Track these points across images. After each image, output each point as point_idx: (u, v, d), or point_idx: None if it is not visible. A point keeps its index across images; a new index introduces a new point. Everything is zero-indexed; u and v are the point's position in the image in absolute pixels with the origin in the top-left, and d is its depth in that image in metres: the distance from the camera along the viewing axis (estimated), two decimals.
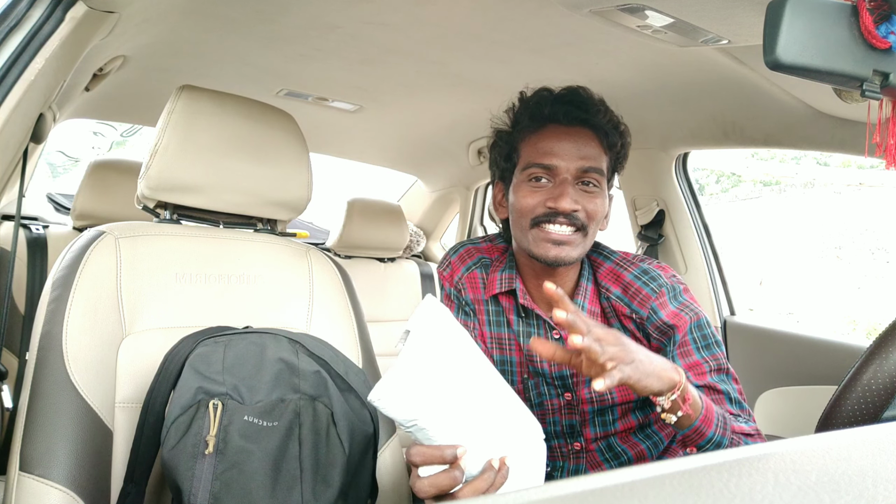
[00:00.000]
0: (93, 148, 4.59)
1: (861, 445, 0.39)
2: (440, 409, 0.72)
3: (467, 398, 0.73)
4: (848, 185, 6.88)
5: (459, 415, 0.72)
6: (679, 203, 1.95)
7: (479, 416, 0.74)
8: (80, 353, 0.90)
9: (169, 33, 1.42)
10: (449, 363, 0.73)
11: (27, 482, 0.80)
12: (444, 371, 0.73)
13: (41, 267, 1.88)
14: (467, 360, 0.75)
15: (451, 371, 0.73)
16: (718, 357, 1.02)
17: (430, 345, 0.73)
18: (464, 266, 1.20)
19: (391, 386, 0.71)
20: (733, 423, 0.96)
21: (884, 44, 0.65)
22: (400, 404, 0.71)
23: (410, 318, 0.74)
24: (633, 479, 0.32)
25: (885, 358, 0.83)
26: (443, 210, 2.98)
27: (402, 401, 0.71)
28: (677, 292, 1.05)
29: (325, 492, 0.86)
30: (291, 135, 1.19)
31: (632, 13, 1.12)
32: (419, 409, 0.71)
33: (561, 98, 1.07)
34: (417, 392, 0.71)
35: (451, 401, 0.72)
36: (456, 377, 0.73)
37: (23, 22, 0.85)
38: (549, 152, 1.03)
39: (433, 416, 0.71)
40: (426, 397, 0.71)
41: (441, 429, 0.72)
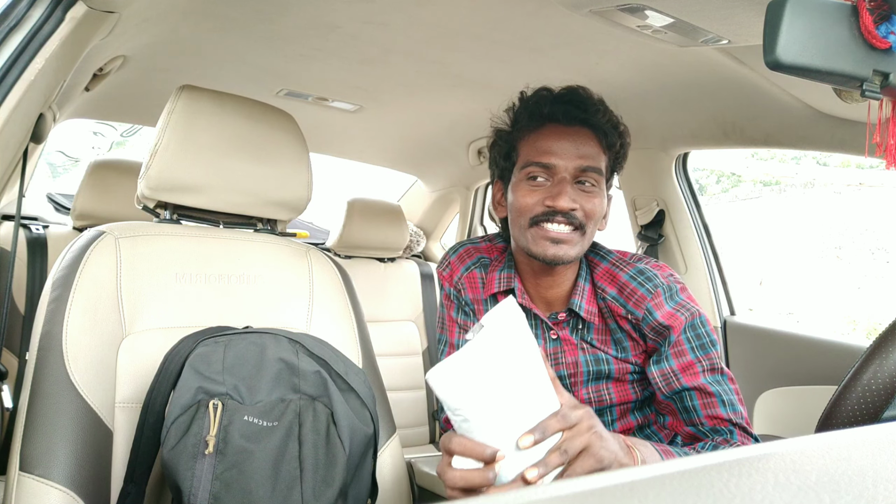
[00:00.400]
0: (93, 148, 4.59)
1: (861, 445, 0.39)
2: (489, 407, 0.72)
3: (518, 406, 0.74)
4: (848, 185, 6.88)
5: (506, 419, 0.73)
6: (679, 203, 1.95)
7: (524, 426, 0.74)
8: (80, 353, 0.90)
9: (169, 33, 1.42)
10: (511, 367, 0.74)
11: (27, 482, 0.81)
12: (504, 373, 0.73)
13: (41, 267, 1.88)
14: (528, 370, 0.75)
15: (511, 375, 0.74)
16: (712, 357, 1.02)
17: (498, 343, 0.73)
18: (463, 266, 1.20)
19: (450, 370, 0.72)
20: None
21: (884, 44, 0.65)
22: (453, 389, 0.72)
23: (487, 314, 0.75)
24: (633, 479, 0.32)
25: (885, 358, 0.83)
26: (443, 210, 2.98)
27: (456, 387, 0.72)
28: (674, 292, 1.05)
29: (325, 492, 0.86)
30: (291, 135, 1.19)
31: (632, 13, 1.12)
32: (469, 401, 0.72)
33: (560, 98, 1.07)
34: (473, 384, 0.72)
35: (502, 403, 0.73)
36: (513, 382, 0.74)
37: (23, 22, 0.85)
38: (547, 151, 1.03)
39: (481, 411, 0.72)
40: (480, 392, 0.72)
41: (484, 426, 0.72)
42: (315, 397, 0.91)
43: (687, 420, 1.01)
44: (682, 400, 1.01)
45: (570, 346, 1.09)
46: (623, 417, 1.11)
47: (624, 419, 1.11)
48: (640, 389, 1.09)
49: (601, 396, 1.09)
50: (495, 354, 0.73)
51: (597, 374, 1.08)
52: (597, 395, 1.09)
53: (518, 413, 0.74)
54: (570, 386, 1.10)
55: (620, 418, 1.11)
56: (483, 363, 0.72)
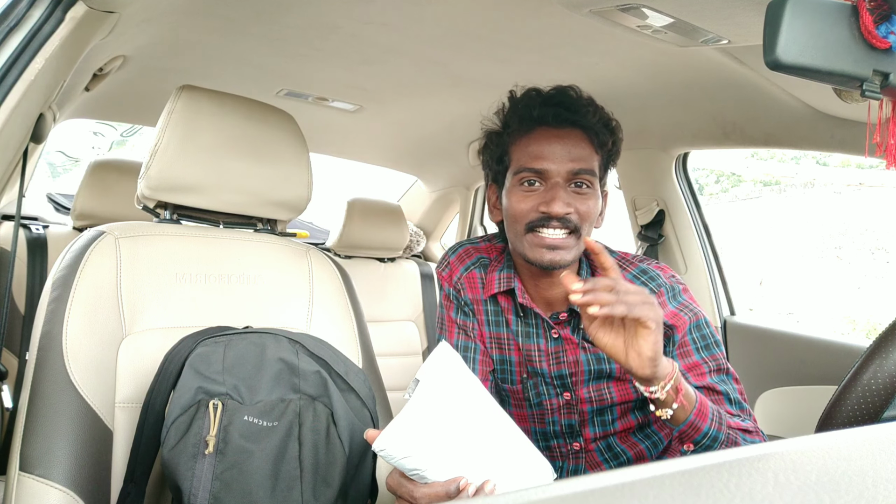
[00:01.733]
0: (93, 148, 4.59)
1: (861, 445, 0.39)
2: (447, 460, 0.71)
3: (475, 448, 0.73)
4: (848, 185, 6.88)
5: (467, 465, 0.72)
6: (679, 203, 1.95)
7: (487, 466, 0.74)
8: (80, 353, 0.90)
9: (169, 33, 1.42)
10: (457, 414, 0.73)
11: (27, 482, 0.81)
12: (451, 422, 0.72)
13: (41, 267, 1.88)
14: (477, 410, 0.75)
15: (460, 422, 0.73)
16: (718, 357, 1.02)
17: (439, 395, 0.73)
18: (462, 266, 1.20)
19: (397, 436, 0.70)
20: (729, 419, 0.96)
21: (884, 44, 0.65)
22: (405, 454, 0.71)
23: (422, 367, 0.74)
24: (633, 479, 0.32)
25: (885, 358, 0.83)
26: (443, 210, 2.98)
27: (408, 451, 0.71)
28: (676, 292, 1.05)
29: (325, 492, 0.86)
30: (291, 135, 1.19)
31: (632, 13, 1.12)
32: (425, 460, 0.71)
33: (549, 100, 1.06)
34: (424, 443, 0.71)
35: (458, 452, 0.72)
36: (464, 428, 0.73)
37: (23, 22, 0.85)
38: (539, 156, 1.03)
39: (440, 466, 0.71)
40: (433, 448, 0.71)
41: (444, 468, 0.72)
42: (315, 397, 0.91)
43: None
44: None
45: (572, 345, 1.09)
46: (624, 416, 1.11)
47: (625, 418, 1.11)
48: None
49: (602, 395, 1.09)
50: (437, 407, 0.72)
51: (598, 373, 1.08)
52: (598, 394, 1.09)
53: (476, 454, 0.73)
54: (572, 385, 1.10)
55: (621, 417, 1.11)
56: (427, 419, 0.71)
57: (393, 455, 0.71)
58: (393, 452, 0.71)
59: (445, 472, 0.71)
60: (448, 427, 0.72)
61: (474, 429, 0.74)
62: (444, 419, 0.72)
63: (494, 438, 0.75)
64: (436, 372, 0.74)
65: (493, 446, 0.75)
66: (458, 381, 0.75)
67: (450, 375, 0.75)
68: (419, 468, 0.71)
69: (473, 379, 0.77)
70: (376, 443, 0.71)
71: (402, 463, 0.71)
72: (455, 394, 0.74)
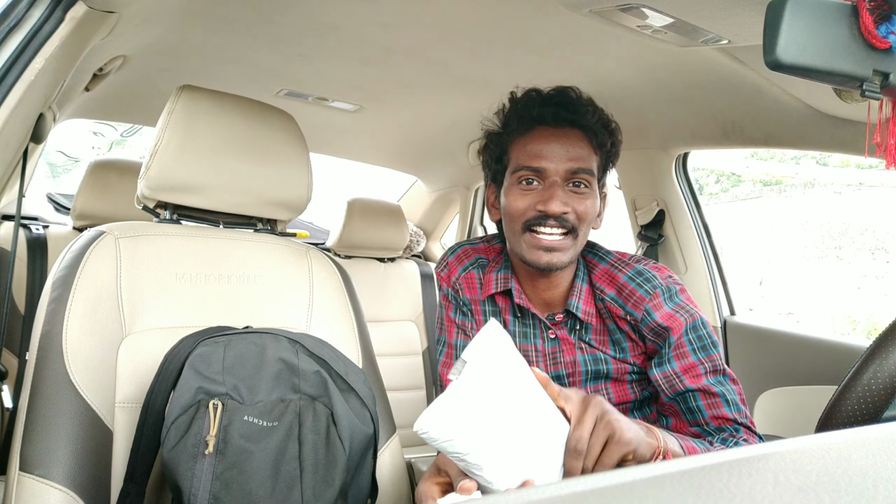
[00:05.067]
0: (93, 148, 4.59)
1: (861, 445, 0.39)
2: (491, 444, 0.70)
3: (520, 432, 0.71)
4: (848, 185, 6.88)
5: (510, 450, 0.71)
6: (679, 203, 1.95)
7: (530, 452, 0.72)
8: (80, 353, 0.90)
9: (169, 33, 1.42)
10: (504, 396, 0.71)
11: (27, 482, 0.81)
12: (497, 405, 0.70)
13: (41, 267, 1.88)
14: (524, 392, 0.73)
15: (506, 405, 0.71)
16: (714, 358, 1.02)
17: (485, 377, 0.70)
18: (461, 266, 1.20)
19: (440, 418, 0.68)
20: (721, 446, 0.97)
21: (884, 44, 0.65)
22: (448, 437, 0.68)
23: (469, 346, 0.72)
24: (633, 479, 0.32)
25: (885, 358, 0.83)
26: (443, 210, 2.98)
27: (451, 434, 0.68)
28: (673, 293, 1.04)
29: (325, 492, 0.86)
30: (291, 135, 1.19)
31: (632, 13, 1.12)
32: (469, 443, 0.69)
33: (549, 99, 1.06)
34: (468, 425, 0.69)
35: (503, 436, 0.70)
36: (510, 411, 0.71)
37: (23, 22, 0.85)
38: (537, 155, 1.03)
39: (483, 451, 0.69)
40: (477, 432, 0.69)
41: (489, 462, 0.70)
42: (315, 397, 0.91)
43: (691, 420, 1.01)
44: (685, 401, 1.01)
45: (569, 345, 1.09)
46: None
47: None
48: (639, 390, 1.09)
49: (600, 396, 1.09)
50: (484, 387, 0.70)
51: (595, 374, 1.08)
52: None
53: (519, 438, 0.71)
54: (569, 385, 1.10)
55: None
56: (472, 400, 0.69)
57: (435, 437, 0.68)
58: (435, 434, 0.68)
59: (488, 457, 0.69)
60: (494, 410, 0.70)
61: (520, 412, 0.72)
62: (490, 401, 0.70)
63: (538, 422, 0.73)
64: (484, 352, 0.72)
65: (537, 431, 0.73)
66: (506, 361, 0.73)
67: (497, 356, 0.72)
68: (462, 452, 0.69)
69: (520, 359, 0.75)
70: (418, 423, 0.68)
71: (445, 446, 0.69)
72: (502, 375, 0.72)
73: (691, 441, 0.94)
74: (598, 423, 0.75)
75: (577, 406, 0.77)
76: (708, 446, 0.95)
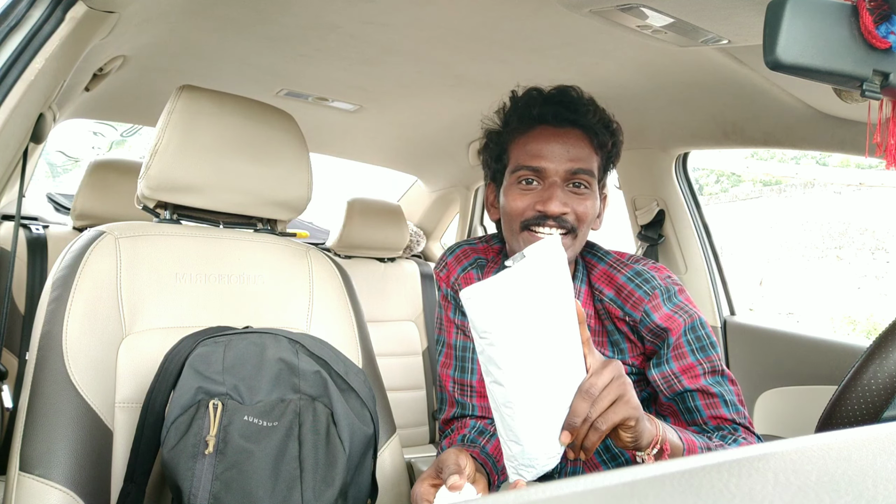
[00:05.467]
0: (93, 148, 4.59)
1: (861, 445, 0.39)
2: (517, 337, 0.72)
3: (543, 347, 0.73)
4: (848, 185, 6.88)
5: (531, 354, 0.72)
6: (679, 203, 1.95)
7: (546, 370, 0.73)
8: (80, 353, 0.90)
9: (169, 33, 1.42)
10: (545, 302, 0.73)
11: (27, 482, 0.81)
12: (537, 306, 0.72)
13: (41, 267, 1.88)
14: (560, 309, 0.75)
15: (543, 310, 0.73)
16: (713, 359, 1.02)
17: (537, 276, 0.72)
18: (460, 267, 1.20)
19: (485, 291, 0.71)
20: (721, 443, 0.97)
21: (884, 44, 0.65)
22: (484, 311, 0.71)
23: (532, 245, 0.74)
24: (633, 479, 0.32)
25: (885, 358, 0.83)
26: (443, 210, 2.98)
27: (488, 309, 0.71)
28: (672, 294, 1.04)
29: (325, 492, 0.86)
30: (291, 135, 1.19)
31: (632, 13, 1.12)
32: (499, 325, 0.71)
33: (550, 99, 1.06)
34: (505, 309, 0.71)
35: (530, 336, 0.72)
36: (545, 317, 0.73)
37: (23, 22, 0.85)
38: (537, 154, 1.02)
39: (508, 339, 0.71)
40: (510, 319, 0.71)
41: (508, 355, 0.72)
42: (315, 397, 0.91)
43: (690, 420, 1.01)
44: (684, 401, 1.01)
45: None
46: None
47: None
48: (637, 390, 1.08)
49: None
50: (532, 286, 0.72)
51: None
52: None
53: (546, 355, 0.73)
54: None
55: None
56: (518, 292, 0.71)
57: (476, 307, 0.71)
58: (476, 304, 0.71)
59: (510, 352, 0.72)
60: (532, 313, 0.72)
61: (551, 330, 0.74)
62: (533, 300, 0.72)
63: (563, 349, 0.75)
64: (543, 256, 0.74)
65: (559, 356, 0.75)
66: (558, 277, 0.75)
67: (553, 266, 0.74)
68: (491, 332, 0.72)
69: (569, 283, 0.77)
70: (464, 291, 0.71)
71: (478, 321, 0.72)
72: (551, 287, 0.74)
73: (691, 435, 0.94)
74: (613, 380, 0.77)
75: (599, 360, 0.79)
76: (707, 441, 0.95)
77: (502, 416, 0.75)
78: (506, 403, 0.73)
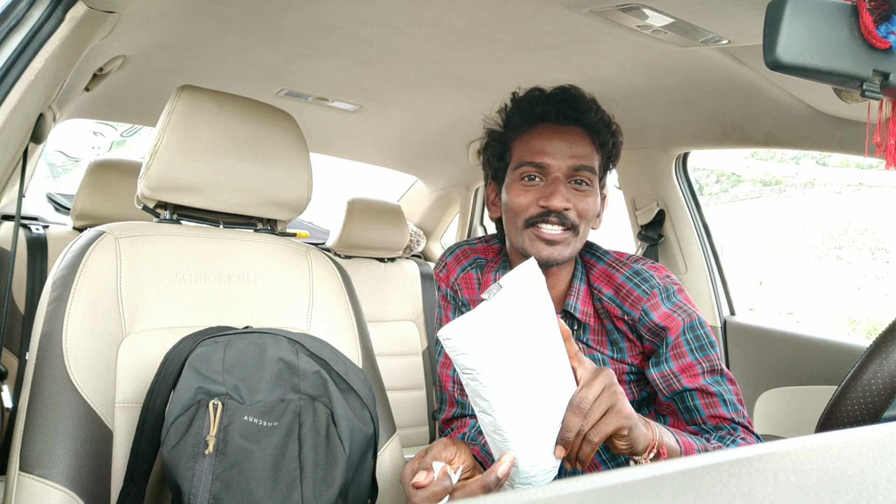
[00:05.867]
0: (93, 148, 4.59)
1: (861, 445, 0.39)
2: (502, 370, 0.71)
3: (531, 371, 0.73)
4: (848, 185, 6.88)
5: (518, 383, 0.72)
6: (679, 203, 1.95)
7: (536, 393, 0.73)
8: (80, 353, 0.90)
9: (169, 33, 1.42)
10: (527, 330, 0.73)
11: (27, 482, 0.80)
12: (520, 335, 0.72)
13: (41, 267, 1.88)
14: (544, 335, 0.75)
15: (527, 338, 0.73)
16: (712, 358, 1.02)
17: (515, 305, 0.72)
18: (459, 267, 1.20)
19: (463, 330, 0.71)
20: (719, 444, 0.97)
21: (884, 44, 0.65)
22: (464, 349, 0.71)
23: (506, 275, 0.74)
24: (633, 479, 0.32)
25: (885, 358, 0.83)
26: (443, 210, 2.98)
27: (468, 347, 0.71)
28: (670, 293, 1.04)
29: (325, 492, 0.86)
30: (291, 135, 1.19)
31: (632, 13, 1.12)
32: (483, 363, 0.71)
33: (552, 97, 1.07)
34: (488, 345, 0.71)
35: (515, 367, 0.72)
36: (529, 345, 0.73)
37: (23, 22, 0.85)
38: (540, 151, 1.03)
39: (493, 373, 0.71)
40: (493, 354, 0.71)
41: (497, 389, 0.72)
42: (315, 397, 0.91)
43: (689, 420, 1.01)
44: (683, 400, 1.01)
45: None
46: None
47: None
48: (637, 390, 1.09)
49: None
50: (511, 316, 0.72)
51: None
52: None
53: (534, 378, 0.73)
54: None
55: None
56: (497, 324, 0.71)
57: (456, 347, 0.71)
58: (456, 344, 0.71)
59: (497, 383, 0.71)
60: (515, 341, 0.72)
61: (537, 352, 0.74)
62: (513, 332, 0.72)
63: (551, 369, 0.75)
64: (519, 284, 0.73)
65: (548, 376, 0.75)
66: (537, 300, 0.75)
67: (530, 292, 0.74)
68: (475, 369, 0.71)
69: (549, 304, 0.77)
70: (442, 331, 0.71)
71: (460, 360, 0.72)
72: (531, 312, 0.74)
73: (688, 437, 0.94)
74: (604, 391, 0.77)
75: (589, 371, 0.79)
76: (705, 443, 0.95)
77: (494, 441, 0.75)
78: (496, 431, 0.74)
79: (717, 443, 0.98)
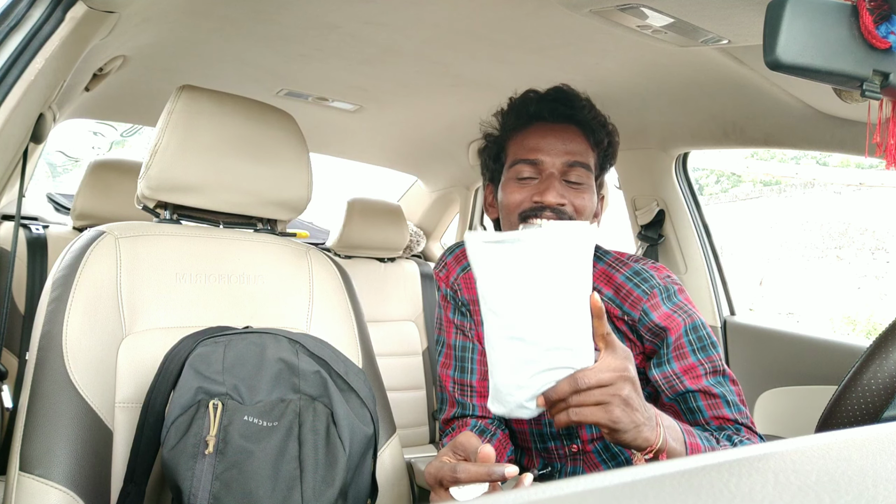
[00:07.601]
0: (93, 148, 4.59)
1: (861, 445, 0.39)
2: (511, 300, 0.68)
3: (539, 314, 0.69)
4: (848, 185, 6.88)
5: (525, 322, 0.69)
6: (679, 203, 1.95)
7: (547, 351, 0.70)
8: (80, 353, 0.90)
9: (169, 33, 1.42)
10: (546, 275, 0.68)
11: (27, 482, 0.80)
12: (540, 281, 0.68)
13: (41, 267, 1.88)
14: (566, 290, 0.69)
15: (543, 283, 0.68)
16: (714, 359, 1.02)
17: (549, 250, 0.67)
18: (459, 267, 1.20)
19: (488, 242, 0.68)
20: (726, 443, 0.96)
21: (884, 44, 0.65)
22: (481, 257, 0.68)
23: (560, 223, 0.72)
24: (633, 479, 0.32)
25: (885, 358, 0.83)
26: (443, 210, 2.98)
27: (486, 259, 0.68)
28: (671, 293, 1.04)
29: (325, 492, 0.86)
30: (291, 135, 1.19)
31: (632, 13, 1.12)
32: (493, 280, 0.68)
33: (546, 96, 1.08)
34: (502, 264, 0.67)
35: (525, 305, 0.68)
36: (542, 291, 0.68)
37: (23, 22, 0.85)
38: (534, 148, 1.04)
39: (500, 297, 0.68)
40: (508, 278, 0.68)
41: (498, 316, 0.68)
42: (315, 397, 0.91)
43: (692, 421, 1.01)
44: (686, 401, 1.01)
45: None
46: None
47: None
48: None
49: None
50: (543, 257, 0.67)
51: None
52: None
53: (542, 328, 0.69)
54: None
55: None
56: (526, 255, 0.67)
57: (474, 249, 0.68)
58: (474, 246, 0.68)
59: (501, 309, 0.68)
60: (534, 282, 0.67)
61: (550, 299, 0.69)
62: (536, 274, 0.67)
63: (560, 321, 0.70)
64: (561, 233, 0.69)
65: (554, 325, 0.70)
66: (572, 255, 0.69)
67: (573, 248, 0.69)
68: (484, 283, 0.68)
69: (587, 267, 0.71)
70: (469, 233, 0.69)
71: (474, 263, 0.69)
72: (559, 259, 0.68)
73: (697, 438, 0.93)
74: (610, 386, 0.73)
75: (610, 360, 0.75)
76: (714, 444, 0.94)
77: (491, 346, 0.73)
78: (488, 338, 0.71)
79: (726, 442, 0.97)
